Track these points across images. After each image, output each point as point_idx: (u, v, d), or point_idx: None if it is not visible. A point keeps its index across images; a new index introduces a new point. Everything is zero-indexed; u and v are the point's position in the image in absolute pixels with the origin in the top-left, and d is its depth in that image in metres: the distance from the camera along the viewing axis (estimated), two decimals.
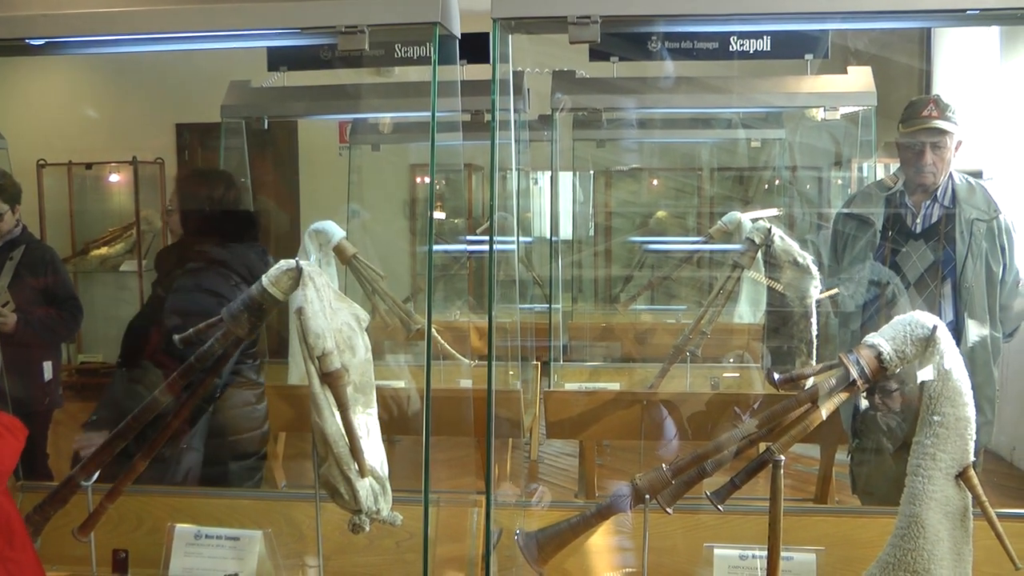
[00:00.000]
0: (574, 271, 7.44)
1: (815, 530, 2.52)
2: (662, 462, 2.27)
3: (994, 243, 3.60)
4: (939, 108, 3.58)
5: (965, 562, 2.17)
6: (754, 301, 5.23)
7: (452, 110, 2.68)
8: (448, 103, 2.69)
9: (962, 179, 3.72)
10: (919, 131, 3.57)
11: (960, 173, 3.76)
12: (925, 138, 3.57)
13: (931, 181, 3.62)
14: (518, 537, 2.36)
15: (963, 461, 2.16)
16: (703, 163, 7.76)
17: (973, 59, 7.55)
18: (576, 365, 5.27)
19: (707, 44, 4.73)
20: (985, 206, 3.65)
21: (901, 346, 2.14)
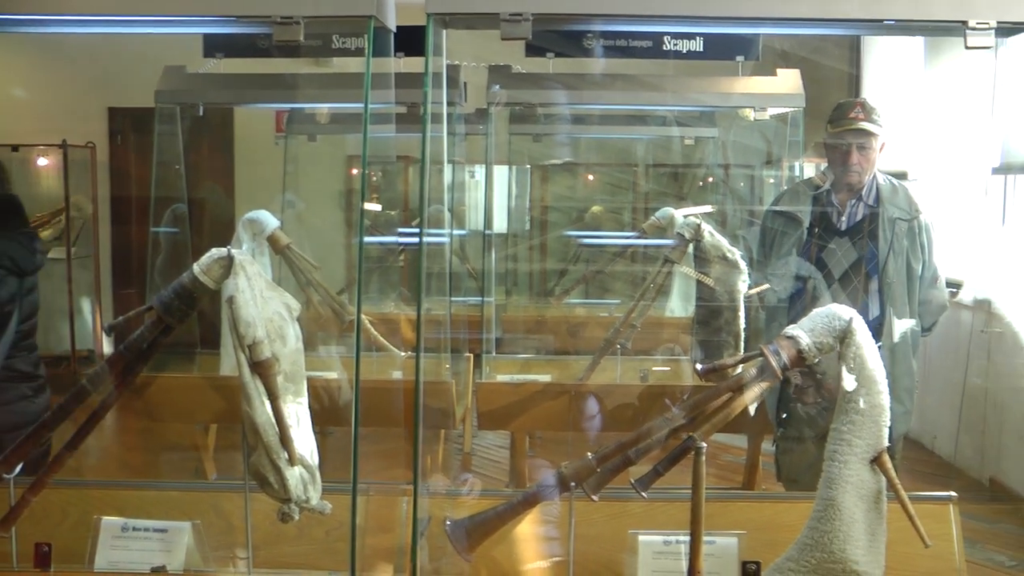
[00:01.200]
0: (509, 265, 7.48)
1: (738, 515, 2.59)
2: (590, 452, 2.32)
3: (914, 241, 3.73)
4: (865, 111, 3.69)
5: (879, 542, 2.25)
6: (685, 295, 5.31)
7: (387, 102, 2.70)
8: (383, 95, 2.71)
9: (886, 180, 3.84)
10: (846, 132, 3.68)
11: (884, 174, 3.87)
12: (851, 139, 3.68)
13: (856, 180, 3.73)
14: (446, 525, 2.40)
15: (877, 447, 2.24)
16: (638, 159, 7.84)
17: (900, 65, 7.73)
18: (508, 357, 5.31)
19: (642, 43, 4.79)
20: (907, 206, 3.77)
21: (819, 337, 2.22)
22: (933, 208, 7.06)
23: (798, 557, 2.20)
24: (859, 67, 8.34)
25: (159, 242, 5.34)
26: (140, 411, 4.58)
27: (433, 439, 4.40)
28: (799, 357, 2.21)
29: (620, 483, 2.37)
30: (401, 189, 8.08)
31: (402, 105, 3.85)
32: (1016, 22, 2.40)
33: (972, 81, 6.50)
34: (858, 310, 3.37)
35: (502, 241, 7.57)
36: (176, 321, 2.34)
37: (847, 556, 2.18)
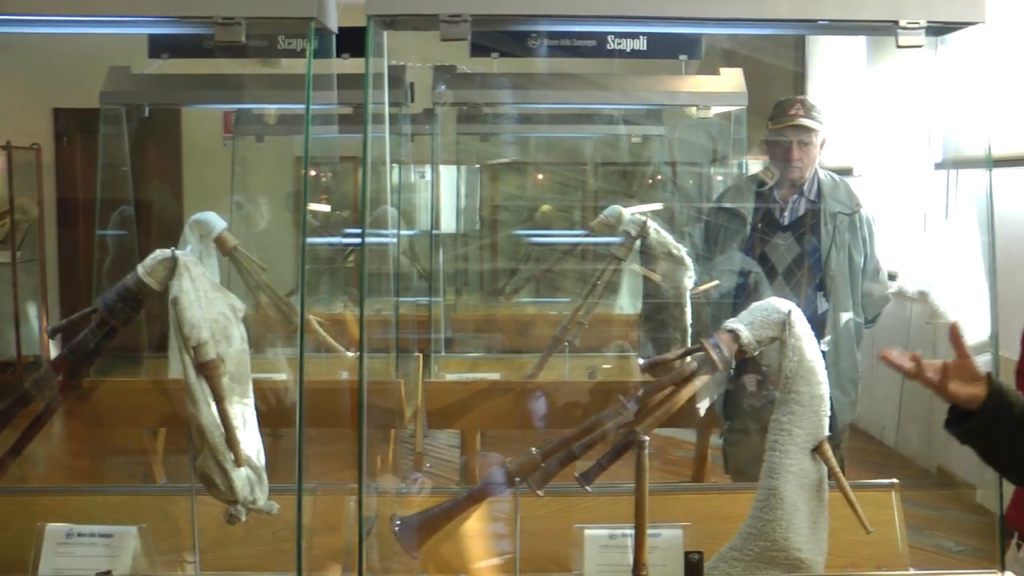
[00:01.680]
0: (458, 264, 7.49)
1: (684, 508, 2.62)
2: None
3: (856, 235, 3.80)
4: (805, 107, 3.75)
5: (821, 530, 2.30)
6: (634, 292, 5.35)
7: (329, 103, 2.71)
8: (325, 96, 2.71)
9: (827, 175, 3.90)
10: (786, 128, 3.74)
11: (825, 170, 3.94)
12: (792, 135, 3.74)
13: (798, 176, 3.79)
14: (393, 523, 2.41)
15: (818, 436, 2.29)
16: (587, 158, 7.88)
17: (843, 64, 7.85)
18: (458, 356, 5.33)
19: (586, 42, 4.82)
20: (848, 200, 3.84)
21: (758, 330, 2.27)
22: (878, 203, 7.20)
23: (741, 546, 2.24)
24: (804, 66, 8.46)
25: (106, 245, 5.29)
26: (87, 416, 4.53)
27: (382, 439, 4.40)
28: (739, 350, 2.25)
29: (567, 479, 2.39)
30: (351, 190, 8.06)
31: (348, 106, 3.86)
32: (946, 22, 2.46)
33: (913, 79, 6.62)
34: (802, 303, 3.44)
35: (452, 241, 7.59)
36: (121, 323, 2.33)
37: (789, 544, 2.22)
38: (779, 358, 2.30)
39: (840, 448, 3.88)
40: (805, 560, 2.23)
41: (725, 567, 2.25)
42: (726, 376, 3.77)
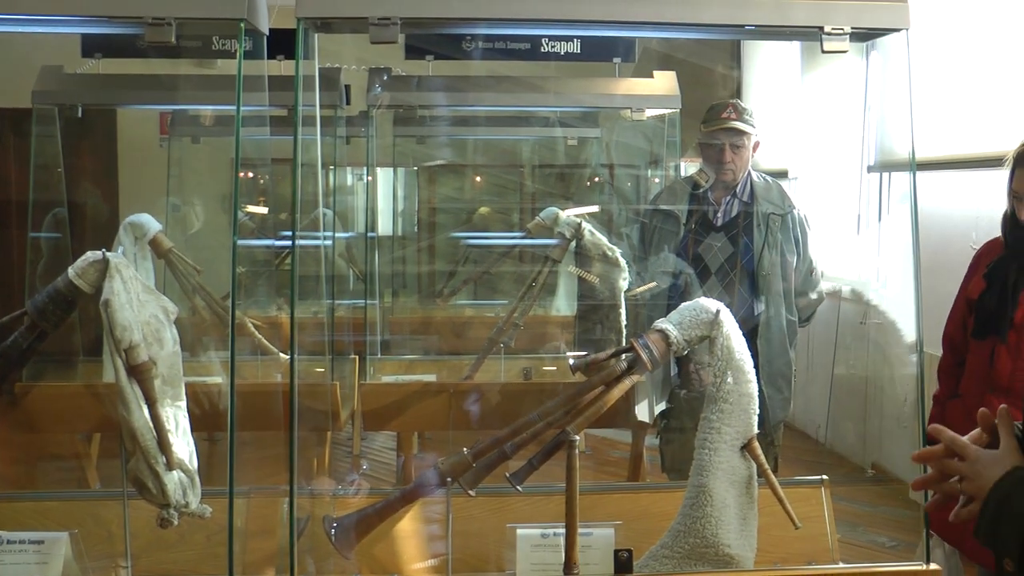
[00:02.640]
0: (396, 266, 7.48)
1: (616, 506, 2.65)
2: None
3: (788, 236, 3.86)
4: (737, 111, 3.81)
5: (750, 526, 2.34)
6: (571, 294, 5.39)
7: (261, 105, 2.70)
8: (257, 98, 2.70)
9: (760, 177, 3.96)
10: (719, 131, 3.79)
11: (757, 172, 3.99)
12: (724, 138, 3.79)
13: (731, 178, 3.85)
14: (325, 524, 2.41)
15: (747, 434, 2.33)
16: (524, 160, 7.91)
17: (779, 68, 7.97)
18: (394, 358, 5.32)
19: (520, 45, 4.86)
20: (780, 201, 3.90)
21: (687, 330, 2.30)
22: (813, 205, 7.32)
23: (672, 544, 2.27)
24: (740, 69, 8.56)
25: (39, 247, 5.22)
26: (18, 421, 4.47)
27: (318, 441, 4.39)
28: (668, 349, 2.28)
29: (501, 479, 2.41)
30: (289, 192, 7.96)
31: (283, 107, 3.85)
32: (871, 28, 2.51)
33: (846, 83, 6.74)
34: (735, 303, 3.49)
35: (389, 243, 7.58)
36: (51, 326, 2.30)
37: (719, 540, 2.26)
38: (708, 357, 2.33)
39: (774, 446, 3.94)
40: (734, 556, 2.27)
41: (655, 564, 2.28)
42: (667, 380, 3.82)
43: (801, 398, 7.01)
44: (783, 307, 3.82)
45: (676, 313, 2.34)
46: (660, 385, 3.85)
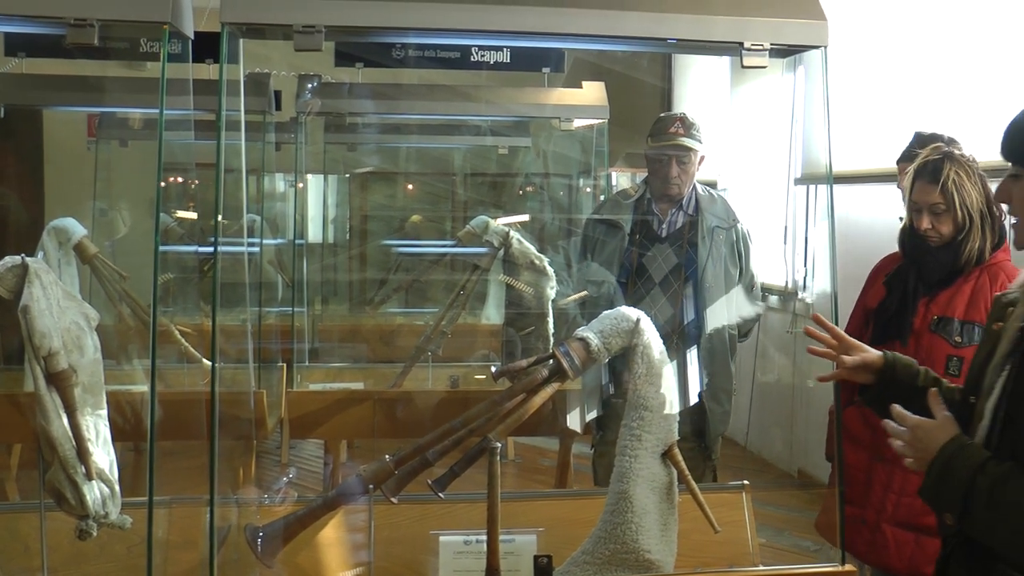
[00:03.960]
0: (326, 274, 7.44)
1: (539, 513, 2.66)
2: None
3: (732, 249, 3.90)
4: (684, 126, 3.84)
5: (671, 531, 2.37)
6: (500, 302, 5.40)
7: (186, 108, 2.68)
8: (182, 101, 2.68)
9: (705, 190, 4.00)
10: (666, 147, 3.81)
11: (703, 185, 4.04)
12: (671, 152, 3.81)
13: (676, 192, 3.87)
14: (246, 532, 2.39)
15: (667, 441, 2.36)
16: (456, 168, 7.92)
17: (709, 80, 8.07)
18: (322, 366, 5.30)
19: (450, 54, 4.88)
20: (725, 215, 3.93)
21: (608, 338, 2.32)
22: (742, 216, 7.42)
23: (593, 549, 2.29)
24: (670, 81, 8.66)
25: None
26: None
27: (244, 450, 4.35)
28: (589, 357, 2.30)
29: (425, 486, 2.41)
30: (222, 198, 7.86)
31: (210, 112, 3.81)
32: (789, 45, 2.57)
33: (775, 97, 6.85)
34: (678, 314, 3.52)
35: (320, 250, 7.53)
36: None
37: (639, 546, 2.28)
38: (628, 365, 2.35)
39: (713, 459, 3.97)
40: (655, 561, 2.29)
41: (576, 570, 2.30)
42: (596, 389, 3.84)
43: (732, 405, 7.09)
44: (724, 319, 3.85)
45: (597, 321, 2.36)
46: (591, 394, 3.87)
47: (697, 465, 3.71)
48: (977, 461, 1.69)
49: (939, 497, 1.73)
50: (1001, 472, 1.66)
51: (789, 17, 2.54)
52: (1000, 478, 1.65)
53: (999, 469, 1.66)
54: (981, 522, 1.66)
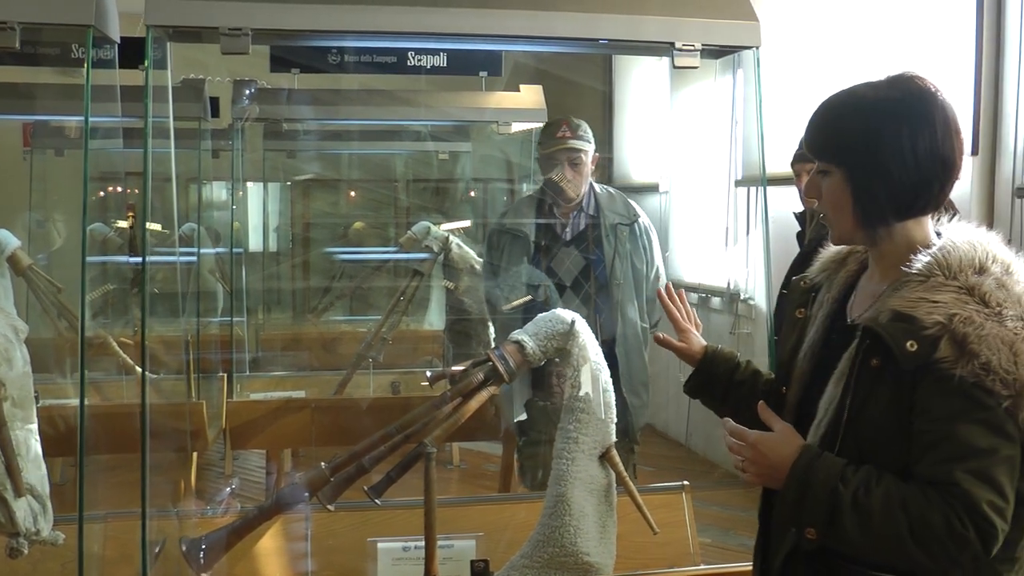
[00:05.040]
0: (268, 282, 7.36)
1: (478, 518, 2.66)
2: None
3: (636, 244, 3.93)
4: (571, 128, 3.87)
5: (610, 534, 2.36)
6: (443, 308, 5.39)
7: (113, 116, 2.63)
8: (110, 108, 2.64)
9: (602, 189, 4.04)
10: (557, 151, 3.84)
11: (599, 184, 4.07)
12: (562, 156, 3.84)
13: (573, 194, 3.91)
14: (182, 545, 2.35)
15: (605, 443, 2.35)
16: (398, 175, 7.89)
17: (650, 85, 8.11)
18: (263, 375, 5.26)
19: (387, 58, 4.86)
20: (625, 211, 3.97)
21: (543, 340, 2.32)
22: (684, 218, 7.46)
23: (531, 553, 2.27)
24: (611, 84, 8.70)
25: None
26: None
27: (185, 462, 4.29)
28: (524, 360, 2.29)
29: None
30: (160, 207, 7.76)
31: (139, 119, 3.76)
32: (721, 45, 2.58)
33: (715, 99, 6.90)
34: (590, 313, 3.53)
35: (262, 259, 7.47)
36: None
37: (578, 549, 2.26)
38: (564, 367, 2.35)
39: (635, 450, 4.00)
40: (594, 564, 2.28)
41: (515, 574, 2.28)
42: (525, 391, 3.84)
43: (674, 406, 7.13)
44: (637, 315, 3.89)
45: (532, 324, 2.35)
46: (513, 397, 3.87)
47: (624, 460, 3.74)
48: (836, 471, 1.66)
49: (802, 513, 1.68)
50: (861, 478, 1.64)
51: (721, 18, 2.56)
52: (863, 484, 1.63)
53: (859, 476, 1.64)
54: (849, 532, 1.63)
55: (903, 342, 1.62)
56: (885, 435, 1.67)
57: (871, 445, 1.68)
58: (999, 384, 1.59)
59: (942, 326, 1.61)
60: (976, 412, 1.60)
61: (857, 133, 1.74)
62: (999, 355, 1.59)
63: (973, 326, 1.60)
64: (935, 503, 1.59)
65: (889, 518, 1.61)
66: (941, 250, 1.71)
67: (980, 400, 1.60)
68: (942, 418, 1.61)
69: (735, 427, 1.80)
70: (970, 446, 1.60)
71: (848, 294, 1.91)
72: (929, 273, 1.69)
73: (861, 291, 1.89)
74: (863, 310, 1.83)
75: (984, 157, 4.06)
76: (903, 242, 1.77)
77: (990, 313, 1.63)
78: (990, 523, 1.59)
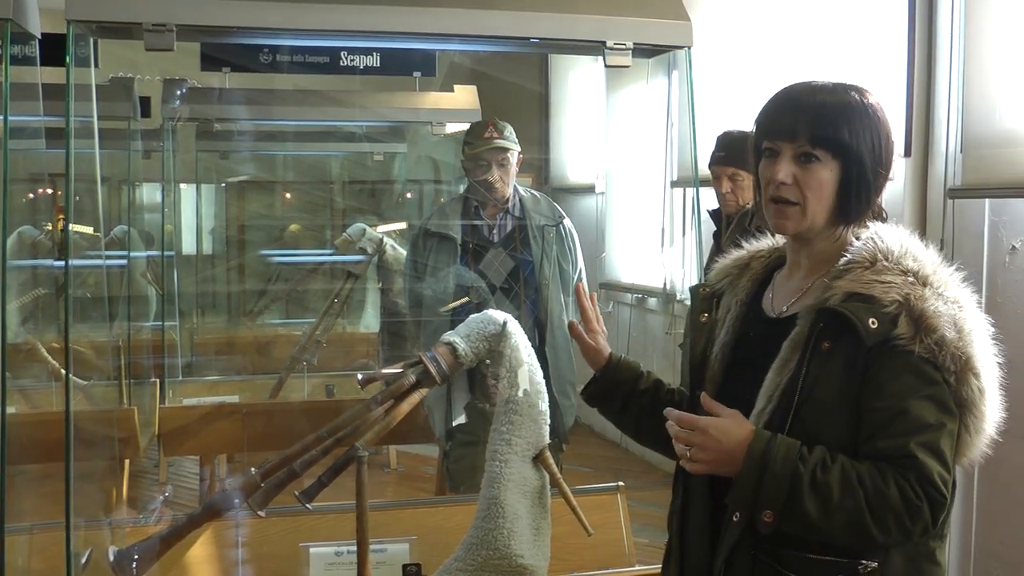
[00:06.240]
0: (202, 286, 7.26)
1: (415, 521, 2.64)
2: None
3: (562, 245, 3.95)
4: (497, 129, 3.87)
5: (544, 536, 2.34)
6: (379, 309, 5.36)
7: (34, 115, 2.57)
8: (30, 107, 2.57)
9: (527, 191, 4.05)
10: (483, 152, 3.83)
11: (524, 187, 4.07)
12: (488, 158, 3.84)
13: (500, 196, 3.91)
14: (109, 555, 2.30)
15: (538, 444, 2.33)
16: (334, 176, 7.82)
17: (586, 85, 8.13)
18: (197, 380, 5.18)
19: (319, 58, 4.82)
20: (550, 213, 3.99)
21: (475, 342, 2.30)
22: (621, 219, 7.47)
23: (465, 556, 2.25)
24: (548, 85, 8.70)
25: None
26: None
27: (116, 470, 4.21)
28: (456, 362, 2.27)
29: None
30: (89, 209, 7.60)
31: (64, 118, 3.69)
32: (653, 45, 2.58)
33: (651, 100, 6.93)
34: (520, 314, 3.52)
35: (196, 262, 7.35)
36: None
37: (512, 551, 2.25)
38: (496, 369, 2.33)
39: (563, 450, 4.00)
40: (528, 566, 2.26)
41: None
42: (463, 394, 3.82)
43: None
44: (565, 316, 3.90)
45: (464, 325, 2.33)
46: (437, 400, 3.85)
47: (554, 460, 3.75)
48: (794, 452, 1.66)
49: (761, 494, 1.67)
50: (817, 457, 1.66)
51: (652, 18, 2.57)
52: (819, 463, 1.65)
53: (815, 455, 1.66)
54: (809, 511, 1.64)
55: (865, 319, 1.67)
56: (834, 416, 1.71)
57: (819, 427, 1.71)
58: (949, 359, 1.66)
59: (899, 303, 1.67)
60: (927, 388, 1.66)
61: (856, 131, 1.77)
62: (949, 331, 1.66)
63: (927, 303, 1.67)
64: (890, 476, 1.64)
65: (847, 494, 1.63)
66: (876, 239, 1.77)
67: (930, 376, 1.66)
68: (896, 394, 1.66)
69: (681, 415, 1.79)
70: (921, 421, 1.65)
71: (758, 295, 1.94)
72: (873, 259, 1.74)
73: (779, 288, 1.92)
74: (787, 304, 1.86)
75: (917, 159, 4.11)
76: (838, 242, 1.82)
77: (934, 293, 1.69)
78: (940, 493, 1.64)
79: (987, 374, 1.70)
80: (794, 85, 1.85)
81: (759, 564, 1.76)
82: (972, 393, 1.68)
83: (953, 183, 3.95)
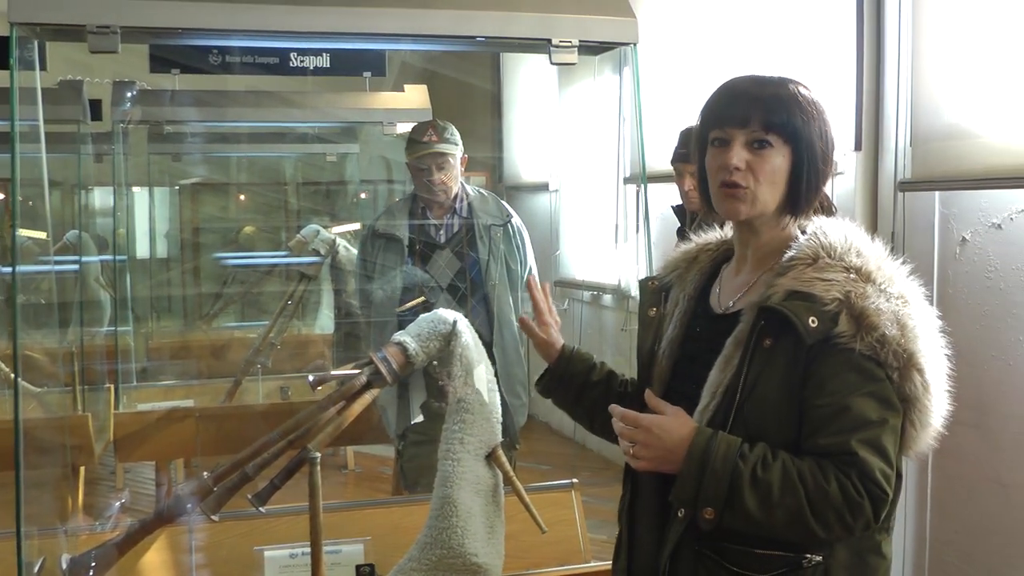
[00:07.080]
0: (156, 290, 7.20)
1: (366, 522, 2.64)
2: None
3: (510, 245, 3.96)
4: (438, 131, 3.86)
5: (498, 534, 2.35)
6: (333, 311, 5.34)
7: None
8: None
9: (474, 191, 4.05)
10: (424, 155, 3.83)
11: (471, 186, 4.08)
12: (430, 161, 3.84)
13: (444, 198, 3.92)
14: (62, 563, 2.28)
15: (491, 443, 2.34)
16: (288, 177, 7.78)
17: (538, 83, 8.15)
18: (152, 385, 5.14)
19: (268, 59, 4.80)
20: (498, 212, 3.99)
21: (425, 342, 2.31)
22: (574, 216, 7.50)
23: (419, 556, 2.26)
24: (499, 84, 8.71)
25: None
26: None
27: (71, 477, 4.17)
28: (407, 361, 2.28)
29: None
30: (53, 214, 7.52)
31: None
32: (599, 41, 2.60)
33: (603, 97, 6.96)
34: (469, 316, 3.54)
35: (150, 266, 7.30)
36: None
37: (466, 550, 2.25)
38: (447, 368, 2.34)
39: (516, 449, 4.01)
40: (482, 565, 2.27)
41: None
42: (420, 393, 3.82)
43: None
44: (513, 315, 3.90)
45: (414, 325, 2.34)
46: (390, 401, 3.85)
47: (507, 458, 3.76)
48: (735, 449, 1.68)
49: (701, 491, 1.68)
50: (758, 454, 1.67)
51: (598, 14, 2.58)
52: (760, 460, 1.66)
53: (756, 452, 1.67)
54: (750, 507, 1.65)
55: (805, 318, 1.67)
56: (776, 413, 1.72)
57: (761, 424, 1.72)
58: (891, 356, 1.67)
59: (840, 302, 1.68)
60: (868, 385, 1.67)
61: (806, 119, 1.78)
62: (891, 328, 1.66)
63: (868, 301, 1.68)
64: (831, 473, 1.65)
65: (788, 491, 1.64)
66: (820, 235, 1.78)
67: (872, 373, 1.67)
68: (837, 392, 1.67)
69: (625, 412, 1.79)
70: (863, 418, 1.66)
71: (706, 289, 1.96)
72: (816, 256, 1.75)
73: (726, 284, 1.93)
74: (732, 300, 1.87)
75: (867, 152, 4.16)
76: (784, 235, 1.83)
77: (876, 290, 1.70)
78: (882, 489, 1.65)
79: (932, 369, 1.71)
80: (739, 77, 1.86)
81: (703, 559, 1.77)
82: (916, 389, 1.69)
83: (903, 176, 4.00)
